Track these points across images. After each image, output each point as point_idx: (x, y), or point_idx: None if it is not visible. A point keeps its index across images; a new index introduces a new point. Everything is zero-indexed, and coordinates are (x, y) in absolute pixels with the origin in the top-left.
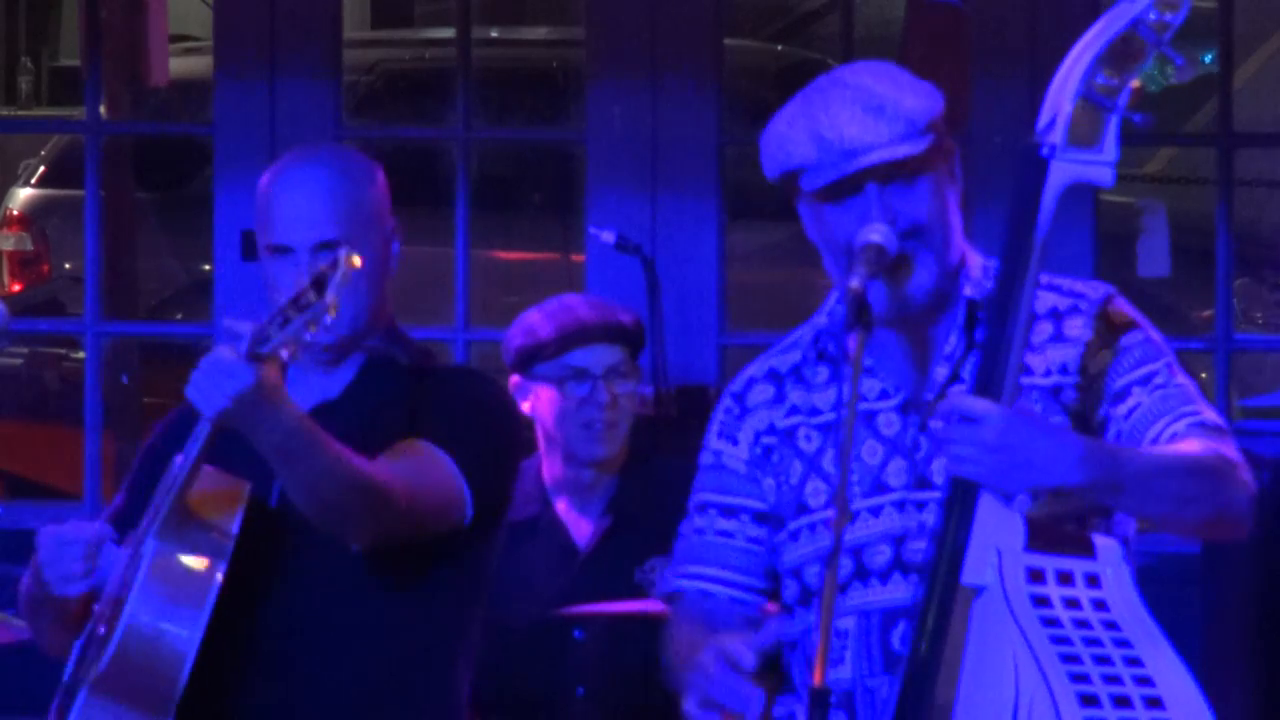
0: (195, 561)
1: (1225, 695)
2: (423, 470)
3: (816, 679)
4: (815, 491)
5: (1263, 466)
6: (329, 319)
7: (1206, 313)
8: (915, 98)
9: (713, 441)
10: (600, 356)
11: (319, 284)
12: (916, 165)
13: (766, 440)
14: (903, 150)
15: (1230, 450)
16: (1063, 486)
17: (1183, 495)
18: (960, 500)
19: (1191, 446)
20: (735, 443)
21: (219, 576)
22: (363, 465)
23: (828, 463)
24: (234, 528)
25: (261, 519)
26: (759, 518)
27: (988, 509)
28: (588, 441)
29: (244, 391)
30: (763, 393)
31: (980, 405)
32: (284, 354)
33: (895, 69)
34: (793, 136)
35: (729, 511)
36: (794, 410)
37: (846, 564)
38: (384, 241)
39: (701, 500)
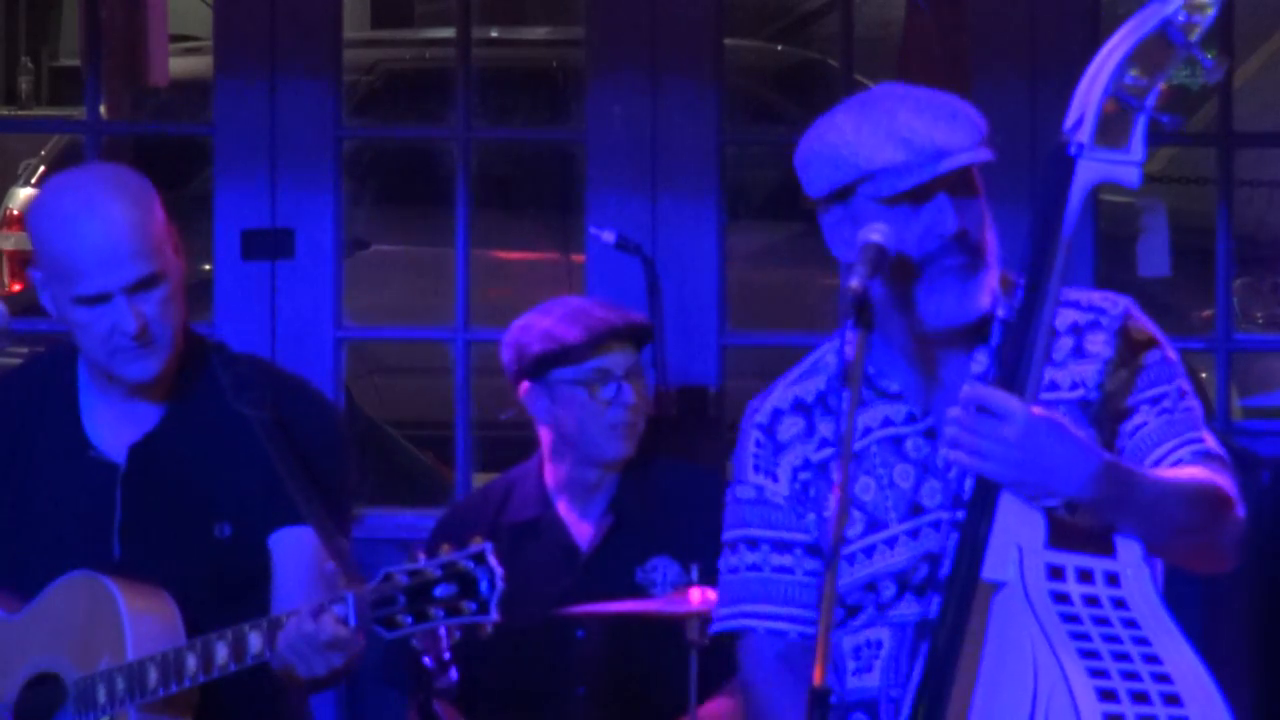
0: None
1: (1226, 695)
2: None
3: (816, 679)
4: (851, 521)
5: (1262, 466)
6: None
7: (1207, 312)
8: (972, 108)
9: (750, 476)
10: (622, 358)
11: (466, 583)
12: (973, 178)
13: (803, 476)
14: (983, 155)
15: (1228, 484)
16: (1075, 498)
17: (1182, 524)
18: (982, 496)
19: (1195, 476)
20: (775, 479)
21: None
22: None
23: (860, 491)
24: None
25: (107, 570)
26: (810, 550)
27: (1009, 505)
28: (612, 442)
29: (349, 659)
30: (793, 426)
31: (1007, 401)
32: (415, 643)
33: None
34: (867, 142)
35: (783, 546)
36: (824, 443)
37: (890, 588)
38: (175, 257)
39: (750, 536)
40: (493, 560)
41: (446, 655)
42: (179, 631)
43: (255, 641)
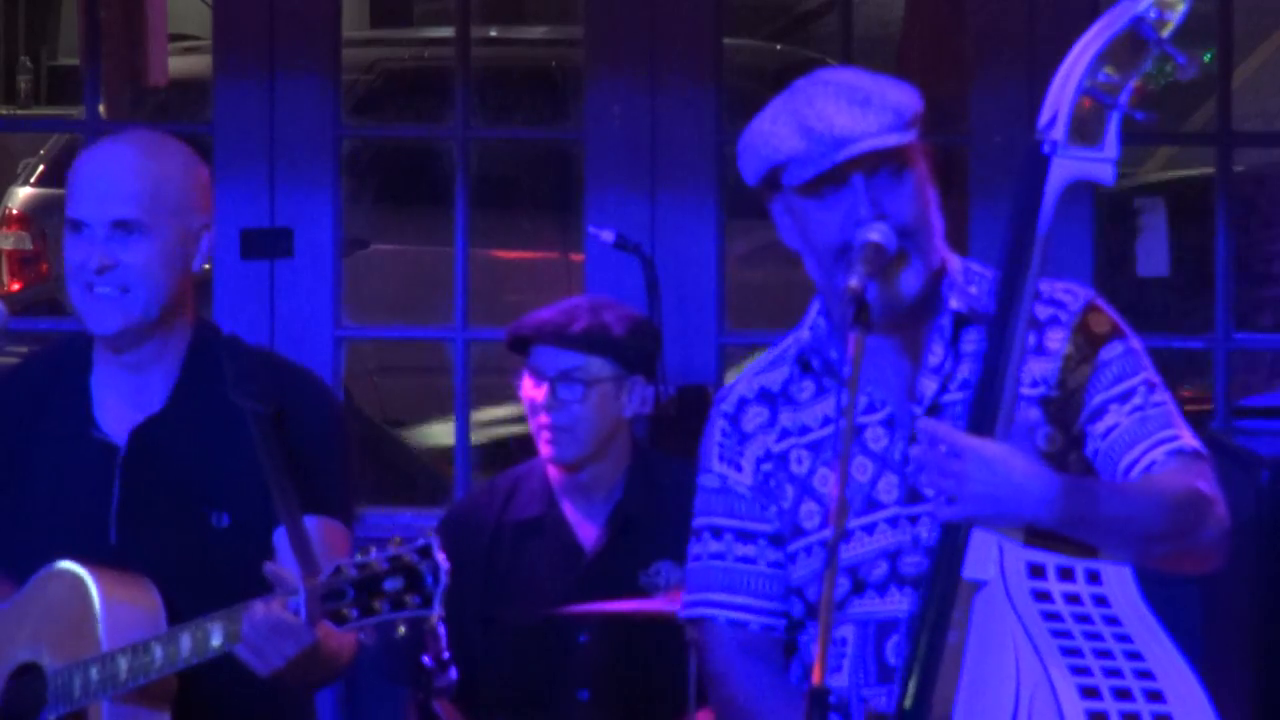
0: (150, 714)
1: (1225, 695)
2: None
3: (816, 678)
4: (809, 514)
5: (1262, 466)
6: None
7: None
8: (899, 92)
9: (715, 465)
10: (552, 357)
11: (412, 577)
12: (901, 161)
13: (765, 467)
14: (891, 139)
15: (1207, 482)
16: (1032, 523)
17: (1155, 533)
18: None
19: (1167, 480)
20: (739, 469)
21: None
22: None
23: (818, 483)
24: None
25: (103, 555)
26: (774, 540)
27: None
28: (540, 445)
29: (302, 652)
30: (757, 416)
31: (957, 438)
32: (361, 636)
33: (872, 72)
34: (777, 132)
35: (746, 536)
36: (785, 433)
37: (844, 582)
38: (184, 233)
39: (714, 524)
40: (438, 555)
41: (446, 655)
42: (159, 622)
43: (216, 634)
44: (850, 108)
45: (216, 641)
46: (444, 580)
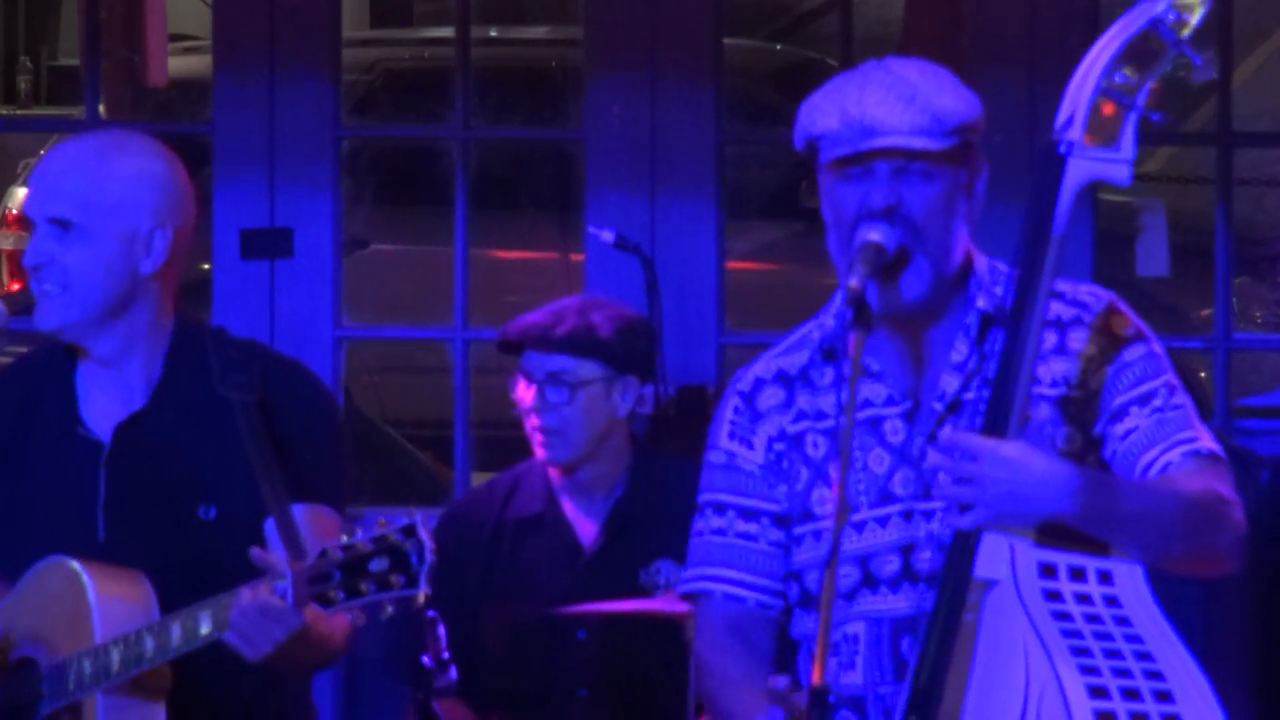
0: (144, 706)
1: (1225, 695)
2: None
3: (816, 677)
4: (821, 499)
5: (1262, 466)
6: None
7: (1206, 312)
8: (952, 99)
9: (724, 442)
10: (540, 361)
11: (398, 557)
12: (934, 165)
13: (778, 447)
14: (919, 142)
15: (1225, 485)
16: (1054, 518)
17: (1170, 534)
18: None
19: (1186, 482)
20: (750, 446)
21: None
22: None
23: (833, 470)
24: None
25: (93, 552)
26: (778, 520)
27: None
28: (535, 447)
29: (290, 636)
30: (773, 396)
31: (973, 442)
32: (350, 616)
33: (945, 72)
34: (822, 106)
35: (749, 514)
36: (801, 415)
37: (853, 572)
38: (127, 235)
39: (718, 500)
40: (423, 533)
41: (446, 655)
42: (152, 616)
43: (205, 622)
44: (892, 101)
45: (205, 629)
46: (429, 558)
